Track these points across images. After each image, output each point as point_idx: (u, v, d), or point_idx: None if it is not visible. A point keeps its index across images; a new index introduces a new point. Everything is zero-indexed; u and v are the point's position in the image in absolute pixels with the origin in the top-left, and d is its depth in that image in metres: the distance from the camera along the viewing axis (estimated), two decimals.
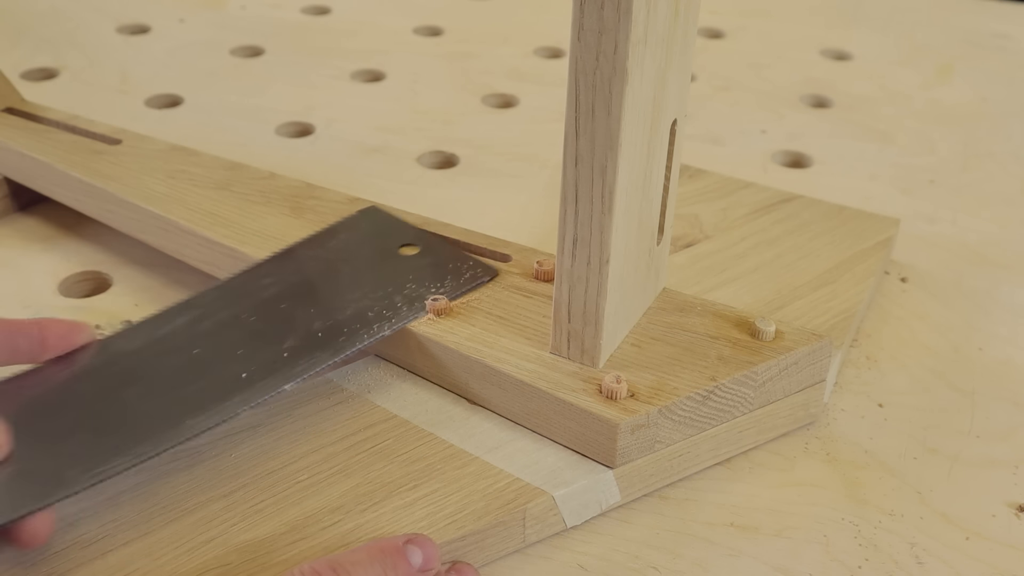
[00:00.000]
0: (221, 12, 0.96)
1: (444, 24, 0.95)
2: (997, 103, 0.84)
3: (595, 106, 0.41)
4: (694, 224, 0.61)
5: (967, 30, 0.97)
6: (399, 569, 0.39)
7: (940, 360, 0.56)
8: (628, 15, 0.38)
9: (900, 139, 0.78)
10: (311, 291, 0.51)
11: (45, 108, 0.68)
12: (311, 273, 0.52)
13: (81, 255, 0.62)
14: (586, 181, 0.43)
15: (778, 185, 0.67)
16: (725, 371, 0.47)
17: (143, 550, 0.41)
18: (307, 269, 0.52)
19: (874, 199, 0.70)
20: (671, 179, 0.49)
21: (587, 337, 0.46)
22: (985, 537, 0.46)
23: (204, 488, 0.44)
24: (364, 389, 0.50)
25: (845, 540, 0.45)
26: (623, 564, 0.44)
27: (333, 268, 0.53)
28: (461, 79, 0.85)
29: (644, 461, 0.46)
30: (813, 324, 0.53)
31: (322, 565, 0.37)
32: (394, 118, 0.79)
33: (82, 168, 0.61)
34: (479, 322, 0.49)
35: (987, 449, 0.51)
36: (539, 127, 0.78)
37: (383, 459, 0.46)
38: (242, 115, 0.78)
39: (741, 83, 0.86)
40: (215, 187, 0.60)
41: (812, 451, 0.50)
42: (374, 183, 0.69)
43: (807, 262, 0.58)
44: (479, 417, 0.48)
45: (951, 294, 0.61)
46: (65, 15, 0.94)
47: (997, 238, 0.67)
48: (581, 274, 0.45)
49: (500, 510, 0.43)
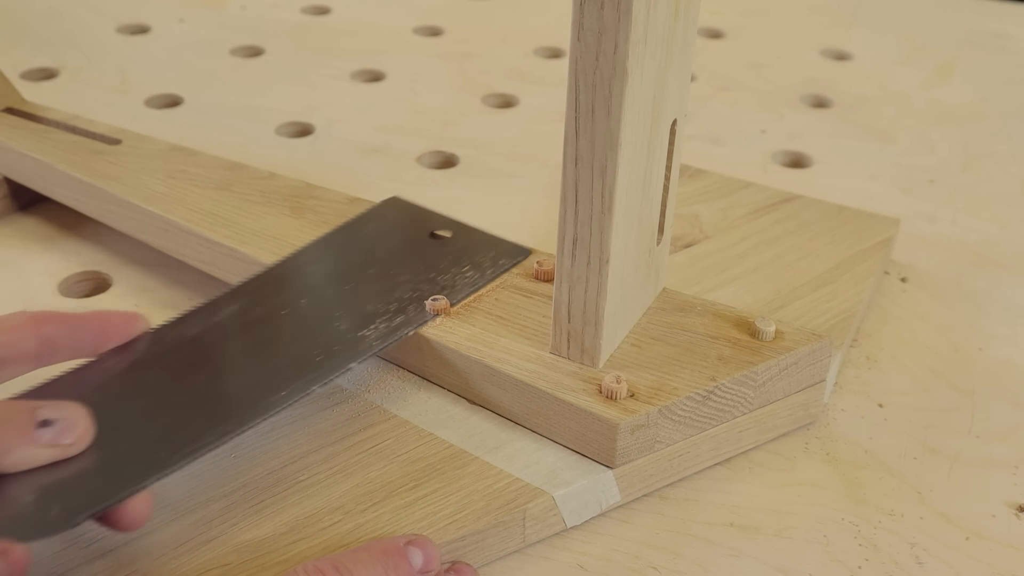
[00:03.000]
0: (221, 12, 0.96)
1: (444, 24, 0.95)
2: (997, 103, 0.84)
3: (595, 106, 0.41)
4: (694, 224, 0.61)
5: (967, 30, 0.97)
6: (400, 569, 0.39)
7: (940, 360, 0.56)
8: (628, 15, 0.38)
9: (900, 139, 0.78)
10: (355, 276, 0.52)
11: (45, 108, 0.68)
12: (352, 259, 0.53)
13: (81, 255, 0.62)
14: (586, 181, 0.43)
15: (778, 185, 0.67)
16: (725, 371, 0.47)
17: (143, 550, 0.41)
18: (346, 256, 0.54)
19: (874, 199, 0.70)
20: (671, 179, 0.49)
21: (587, 337, 0.46)
22: (985, 537, 0.46)
23: (204, 488, 0.44)
24: (364, 389, 0.50)
25: (845, 540, 0.45)
26: (623, 564, 0.44)
27: (371, 254, 0.54)
28: (461, 79, 0.85)
29: (644, 461, 0.46)
30: (813, 324, 0.53)
31: (325, 564, 0.37)
32: (394, 118, 0.79)
33: (82, 168, 0.61)
34: (479, 322, 0.49)
35: (987, 449, 0.51)
36: (539, 127, 0.78)
37: (383, 459, 0.46)
38: (242, 115, 0.78)
39: (741, 83, 0.86)
40: (215, 187, 0.60)
41: (812, 451, 0.50)
42: (374, 183, 0.69)
43: (807, 262, 0.58)
44: (479, 417, 0.48)
45: (951, 294, 0.61)
46: (65, 15, 0.94)
47: (997, 238, 0.67)
48: (581, 274, 0.45)
49: (500, 510, 0.43)
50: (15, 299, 0.58)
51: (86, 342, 0.44)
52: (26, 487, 0.38)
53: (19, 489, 0.38)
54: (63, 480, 0.39)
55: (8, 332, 0.42)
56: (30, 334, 0.42)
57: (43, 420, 0.39)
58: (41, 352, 0.43)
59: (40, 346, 0.43)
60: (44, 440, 0.39)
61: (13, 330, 0.42)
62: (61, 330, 0.43)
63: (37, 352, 0.43)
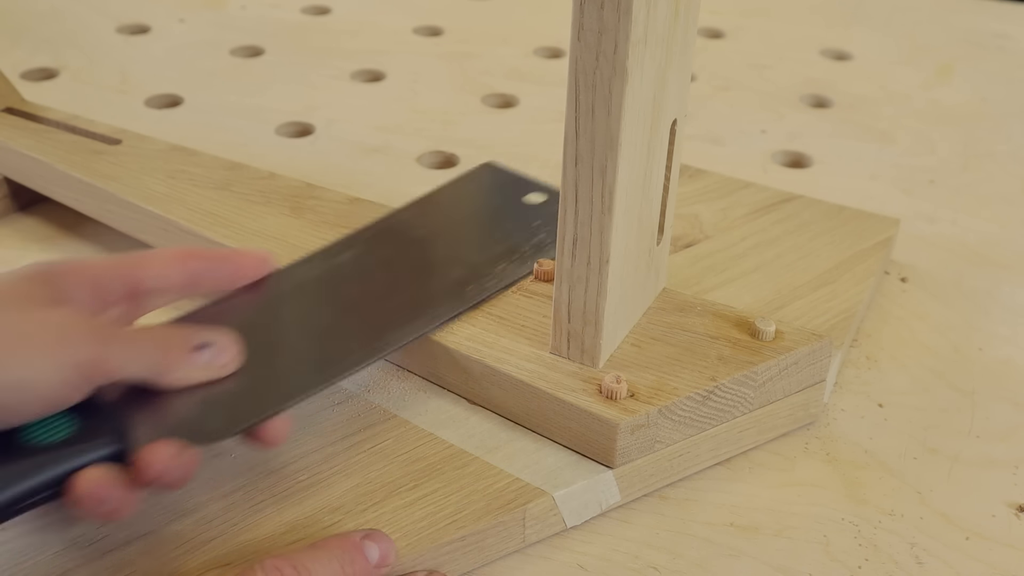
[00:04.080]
0: (221, 12, 0.96)
1: (444, 24, 0.95)
2: (997, 103, 0.84)
3: (595, 106, 0.41)
4: (694, 224, 0.61)
5: (967, 30, 0.97)
6: (356, 564, 0.39)
7: (940, 360, 0.56)
8: (628, 15, 0.38)
9: (900, 139, 0.78)
10: (458, 232, 0.56)
11: (45, 108, 0.68)
12: (453, 218, 0.57)
13: (81, 255, 0.62)
14: (586, 181, 0.43)
15: (778, 185, 0.67)
16: (725, 371, 0.47)
17: (143, 550, 0.41)
18: (448, 214, 0.57)
19: (874, 199, 0.70)
20: (671, 179, 0.49)
21: (587, 337, 0.46)
22: (985, 537, 0.46)
23: (204, 488, 0.44)
24: (364, 389, 0.50)
25: (845, 540, 0.45)
26: (623, 564, 0.44)
27: (472, 214, 0.58)
28: (461, 79, 0.85)
29: (644, 461, 0.46)
30: (813, 324, 0.53)
31: (282, 562, 0.38)
32: (394, 118, 0.79)
33: (82, 168, 0.61)
34: (479, 322, 0.49)
35: (987, 449, 0.51)
36: (539, 127, 0.78)
37: (383, 459, 0.46)
38: (242, 115, 0.78)
39: (741, 83, 0.86)
40: (215, 187, 0.60)
41: (812, 451, 0.50)
42: (374, 183, 0.69)
43: (807, 262, 0.58)
44: (479, 417, 0.48)
45: (951, 294, 0.61)
46: (65, 15, 0.94)
47: (997, 238, 0.67)
48: (581, 274, 0.45)
49: (500, 510, 0.43)
50: None
51: (224, 277, 0.48)
52: (189, 401, 0.42)
53: (183, 402, 0.42)
54: (218, 397, 0.43)
55: (159, 265, 0.46)
56: (179, 267, 0.46)
57: (201, 343, 0.43)
58: (187, 284, 0.46)
59: (186, 278, 0.46)
60: (202, 361, 0.43)
61: (165, 263, 0.46)
62: (204, 265, 0.47)
63: (183, 284, 0.46)
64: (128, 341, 0.42)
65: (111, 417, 0.40)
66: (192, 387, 0.43)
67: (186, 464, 0.40)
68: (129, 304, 0.45)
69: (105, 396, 0.41)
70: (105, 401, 0.41)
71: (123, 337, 0.42)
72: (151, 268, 0.45)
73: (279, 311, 0.49)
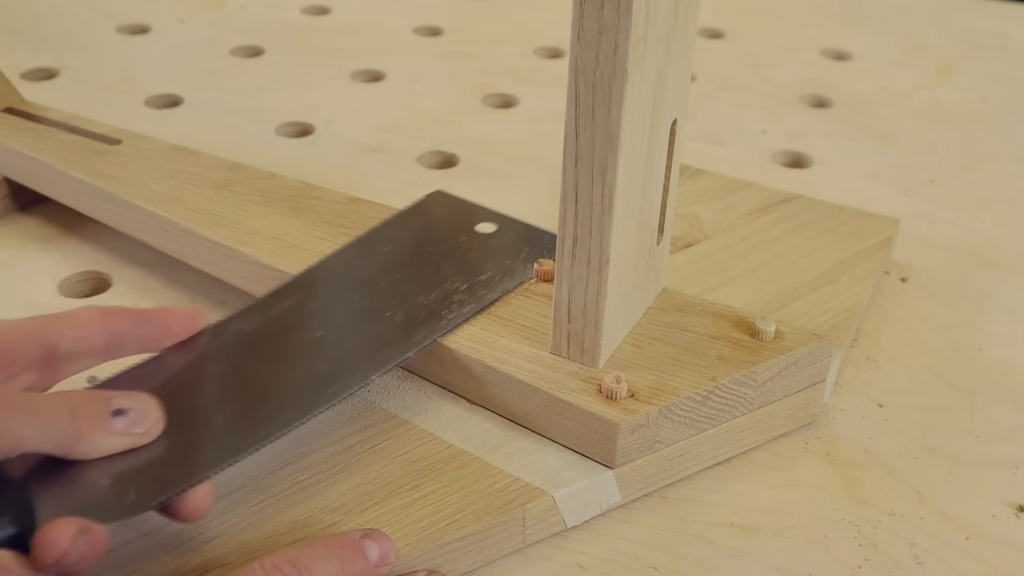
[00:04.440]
0: (221, 12, 0.96)
1: (444, 24, 0.95)
2: (997, 103, 0.84)
3: (595, 106, 0.41)
4: (694, 224, 0.61)
5: (967, 30, 0.97)
6: (356, 564, 0.39)
7: (940, 360, 0.56)
8: (628, 15, 0.38)
9: (900, 139, 0.78)
10: (404, 269, 0.53)
11: (45, 108, 0.68)
12: (399, 253, 0.54)
13: (81, 255, 0.62)
14: (586, 181, 0.43)
15: (778, 185, 0.67)
16: (725, 371, 0.47)
17: (143, 550, 0.41)
18: (394, 250, 0.54)
19: (874, 199, 0.70)
20: (671, 179, 0.49)
21: (587, 337, 0.46)
22: (985, 537, 0.46)
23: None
24: (364, 389, 0.50)
25: (845, 540, 0.45)
26: (623, 564, 0.44)
27: (419, 247, 0.55)
28: (461, 79, 0.85)
29: (644, 461, 0.46)
30: (813, 324, 0.53)
31: (282, 560, 0.38)
32: (394, 118, 0.79)
33: (82, 168, 0.61)
34: (479, 322, 0.49)
35: (987, 449, 0.51)
36: (539, 127, 0.78)
37: (383, 459, 0.46)
38: (242, 115, 0.78)
39: (741, 83, 0.86)
40: (215, 187, 0.60)
41: (812, 451, 0.50)
42: (374, 183, 0.69)
43: (807, 262, 0.58)
44: (479, 417, 0.48)
45: (951, 294, 0.61)
46: (65, 15, 0.94)
47: (997, 238, 0.67)
48: (581, 274, 0.45)
49: (500, 510, 0.43)
50: (15, 299, 0.58)
51: (151, 337, 0.46)
52: (102, 473, 0.40)
53: (96, 474, 0.40)
54: (136, 467, 0.40)
55: (79, 327, 0.43)
56: (100, 329, 0.44)
57: (117, 409, 0.41)
58: (109, 346, 0.44)
59: (108, 340, 0.44)
60: (118, 428, 0.40)
61: (84, 324, 0.43)
62: (128, 325, 0.45)
63: (106, 346, 0.44)
64: (35, 409, 0.38)
65: (14, 494, 0.37)
66: (107, 457, 0.40)
67: (91, 545, 0.36)
68: (43, 370, 0.42)
69: (10, 471, 0.38)
70: (9, 477, 0.38)
71: (30, 404, 0.38)
72: (68, 330, 0.43)
73: (208, 370, 0.46)
